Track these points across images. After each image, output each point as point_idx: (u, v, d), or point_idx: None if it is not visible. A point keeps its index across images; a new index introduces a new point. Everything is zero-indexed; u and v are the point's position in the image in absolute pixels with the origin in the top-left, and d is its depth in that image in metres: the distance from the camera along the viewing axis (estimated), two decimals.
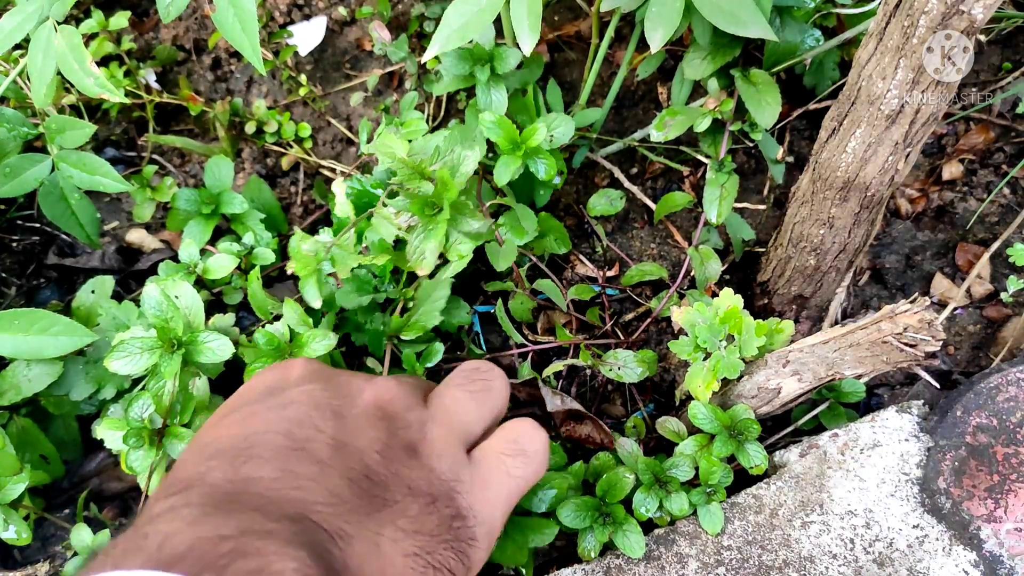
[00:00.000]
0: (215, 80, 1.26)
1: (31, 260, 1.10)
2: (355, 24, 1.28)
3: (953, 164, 1.08)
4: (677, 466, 0.77)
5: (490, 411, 0.61)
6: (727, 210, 0.89)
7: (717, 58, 0.88)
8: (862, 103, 0.71)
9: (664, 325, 0.99)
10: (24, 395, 0.82)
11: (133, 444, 0.73)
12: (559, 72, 1.18)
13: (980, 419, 0.82)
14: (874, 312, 0.82)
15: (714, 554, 0.76)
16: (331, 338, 0.78)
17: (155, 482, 0.74)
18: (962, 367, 0.97)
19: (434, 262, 0.71)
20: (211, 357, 0.74)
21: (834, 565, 0.75)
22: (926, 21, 0.61)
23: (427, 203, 0.69)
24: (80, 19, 1.18)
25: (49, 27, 0.78)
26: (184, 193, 1.02)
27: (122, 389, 0.87)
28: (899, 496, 0.78)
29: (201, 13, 1.29)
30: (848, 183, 0.78)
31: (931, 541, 0.75)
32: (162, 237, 1.14)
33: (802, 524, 0.77)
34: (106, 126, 1.22)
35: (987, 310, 1.00)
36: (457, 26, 0.74)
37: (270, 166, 1.20)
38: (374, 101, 1.22)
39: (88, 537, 0.79)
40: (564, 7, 1.21)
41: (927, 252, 1.04)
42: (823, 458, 0.81)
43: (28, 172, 0.90)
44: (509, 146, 0.81)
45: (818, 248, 0.88)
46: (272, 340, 0.77)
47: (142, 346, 0.73)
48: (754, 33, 0.76)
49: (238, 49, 0.70)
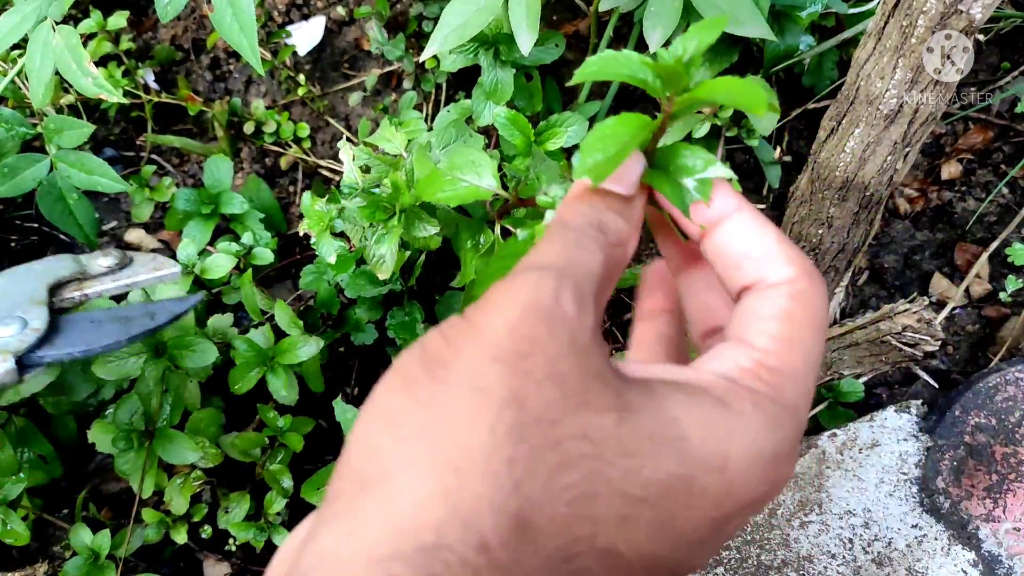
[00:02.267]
0: (213, 80, 1.26)
1: (29, 260, 1.10)
2: (354, 24, 1.28)
3: (952, 164, 1.08)
4: None
5: None
6: None
7: (715, 64, 0.88)
8: (861, 103, 0.71)
9: None
10: (23, 395, 0.82)
11: (123, 447, 0.73)
12: (557, 71, 1.18)
13: (979, 418, 0.82)
14: (873, 312, 0.82)
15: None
16: (314, 343, 0.78)
17: (147, 484, 0.74)
18: (961, 367, 0.97)
19: (392, 265, 0.70)
20: (196, 361, 0.74)
21: (833, 565, 0.75)
22: (925, 21, 0.61)
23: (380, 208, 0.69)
24: (78, 19, 1.18)
25: (47, 27, 0.78)
26: (183, 193, 1.02)
27: (121, 389, 0.87)
28: (898, 496, 0.78)
29: (199, 13, 1.29)
30: (847, 183, 0.78)
31: (930, 541, 0.76)
32: (161, 237, 1.14)
33: (801, 524, 0.77)
34: (104, 126, 1.22)
35: (986, 309, 1.00)
36: (455, 25, 0.74)
37: (269, 166, 1.20)
38: (373, 101, 1.22)
39: (87, 537, 0.79)
40: (562, 6, 1.21)
41: (926, 252, 1.04)
42: (822, 458, 0.81)
43: (26, 172, 0.90)
44: (525, 147, 0.78)
45: (817, 248, 0.88)
46: (252, 347, 0.77)
47: (128, 351, 0.73)
48: (753, 33, 0.76)
49: (236, 49, 0.70)
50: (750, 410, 0.29)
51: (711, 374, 0.30)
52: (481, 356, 0.25)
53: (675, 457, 0.26)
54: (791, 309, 0.31)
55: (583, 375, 0.26)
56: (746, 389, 0.29)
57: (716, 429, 0.28)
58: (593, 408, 0.26)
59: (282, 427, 0.84)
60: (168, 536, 0.84)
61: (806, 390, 0.31)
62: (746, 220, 0.33)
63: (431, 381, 0.25)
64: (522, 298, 0.27)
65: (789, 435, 0.30)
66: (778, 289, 0.31)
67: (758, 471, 0.28)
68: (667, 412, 0.27)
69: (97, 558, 0.79)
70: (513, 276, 0.28)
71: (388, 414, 0.25)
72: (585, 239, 0.30)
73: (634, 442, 0.26)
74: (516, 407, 0.24)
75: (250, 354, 0.77)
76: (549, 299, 0.27)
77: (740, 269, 0.33)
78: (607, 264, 0.30)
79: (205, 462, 0.80)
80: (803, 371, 0.31)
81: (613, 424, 0.26)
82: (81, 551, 0.79)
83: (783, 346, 0.31)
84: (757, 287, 0.32)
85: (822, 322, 0.32)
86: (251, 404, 0.90)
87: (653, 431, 0.27)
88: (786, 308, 0.31)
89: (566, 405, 0.25)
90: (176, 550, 0.89)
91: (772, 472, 0.29)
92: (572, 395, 0.25)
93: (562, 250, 0.30)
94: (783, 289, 0.31)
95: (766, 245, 0.32)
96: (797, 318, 0.31)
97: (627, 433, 0.26)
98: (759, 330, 0.31)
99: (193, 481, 0.82)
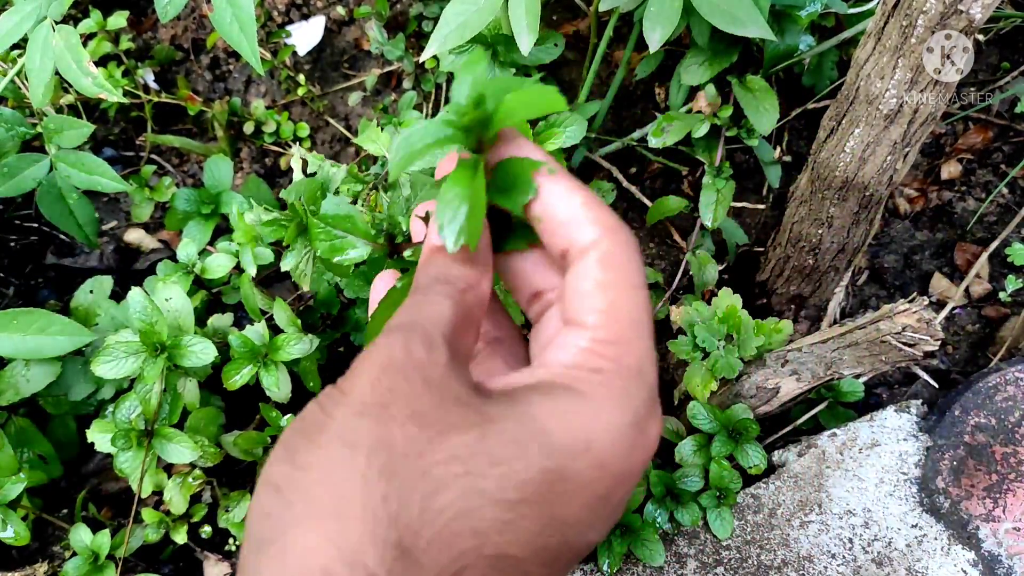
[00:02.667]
0: (213, 80, 1.26)
1: (29, 260, 1.10)
2: (354, 24, 1.28)
3: (952, 164, 1.08)
4: (688, 476, 0.77)
5: None
6: (723, 214, 0.89)
7: (715, 64, 0.88)
8: (860, 103, 0.71)
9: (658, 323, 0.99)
10: (22, 395, 0.82)
11: (122, 446, 0.73)
12: (557, 71, 1.18)
13: (979, 418, 0.82)
14: (873, 311, 0.82)
15: (712, 554, 0.76)
16: (307, 341, 0.78)
17: (147, 484, 0.74)
18: (960, 366, 0.97)
19: (310, 279, 0.71)
20: (195, 360, 0.74)
21: (833, 565, 0.75)
22: (925, 21, 0.61)
23: (279, 225, 0.70)
24: (78, 19, 1.18)
25: (47, 27, 0.78)
26: (183, 193, 1.02)
27: (121, 389, 0.87)
28: (898, 496, 0.78)
29: (199, 13, 1.29)
30: (847, 183, 0.78)
31: (930, 540, 0.76)
32: (160, 237, 1.14)
33: (801, 524, 0.77)
34: (104, 126, 1.22)
35: (985, 309, 1.00)
36: (455, 25, 0.74)
37: (269, 166, 1.20)
38: (373, 101, 1.22)
39: (87, 537, 0.79)
40: (562, 6, 1.21)
41: (926, 252, 1.04)
42: (822, 457, 0.81)
43: (26, 172, 0.90)
44: None
45: (817, 247, 0.88)
46: (246, 343, 0.77)
47: (127, 350, 0.73)
48: (752, 33, 0.76)
49: (236, 49, 0.70)
50: (599, 390, 0.31)
51: (560, 366, 0.33)
52: (349, 415, 0.28)
53: (542, 453, 0.29)
54: (604, 278, 0.33)
55: (441, 405, 0.29)
56: (590, 370, 0.32)
57: (573, 417, 0.30)
58: (456, 431, 0.28)
59: (284, 426, 0.84)
60: (168, 536, 0.84)
61: (643, 350, 0.33)
62: (555, 187, 0.35)
63: (309, 446, 0.28)
64: (379, 359, 0.30)
65: (643, 398, 0.32)
66: (588, 256, 0.34)
67: (624, 442, 0.31)
68: (527, 414, 0.30)
69: (97, 558, 0.79)
70: (372, 343, 0.32)
71: (275, 483, 0.27)
72: (431, 294, 0.34)
73: (501, 450, 0.28)
74: (384, 450, 0.27)
75: (244, 350, 0.77)
76: (401, 353, 0.30)
77: (555, 235, 0.35)
78: (458, 308, 0.33)
79: (204, 461, 0.80)
80: (633, 334, 0.33)
81: (477, 440, 0.28)
82: (81, 551, 0.79)
83: (609, 318, 0.33)
84: (570, 254, 0.34)
85: (636, 278, 0.34)
86: (251, 403, 0.90)
87: (517, 435, 0.29)
88: (600, 278, 0.33)
89: (429, 435, 0.28)
90: (176, 550, 0.89)
91: (639, 438, 0.32)
92: (433, 425, 0.28)
93: (411, 310, 0.33)
94: (592, 255, 0.34)
95: (572, 209, 0.34)
96: (612, 284, 0.33)
97: (493, 444, 0.28)
98: (586, 308, 0.33)
99: (193, 480, 0.82)
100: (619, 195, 1.07)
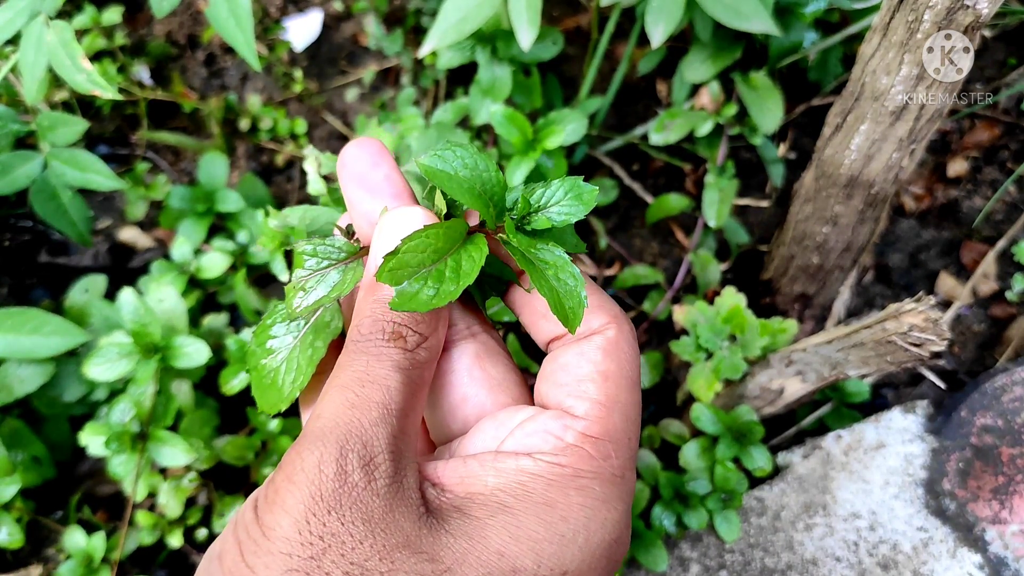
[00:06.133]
0: (209, 76, 1.25)
1: (23, 259, 1.09)
2: (351, 19, 1.26)
3: (958, 161, 1.07)
4: (695, 479, 0.76)
5: None
6: (726, 214, 0.88)
7: (718, 60, 0.87)
8: (866, 99, 0.70)
9: (659, 325, 0.98)
10: (16, 396, 0.81)
11: (115, 449, 0.71)
12: (558, 67, 1.17)
13: (986, 420, 0.80)
14: (879, 311, 0.80)
15: (716, 557, 0.75)
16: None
17: (141, 487, 0.73)
18: (967, 367, 0.96)
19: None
20: (188, 362, 0.73)
21: (838, 568, 0.74)
22: (931, 16, 0.60)
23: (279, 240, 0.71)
24: (72, 14, 1.17)
25: (41, 22, 0.77)
26: (178, 191, 1.00)
27: (115, 390, 0.86)
28: (904, 498, 0.77)
29: (195, 8, 1.28)
30: (852, 180, 0.77)
31: (936, 543, 0.74)
32: (155, 235, 1.12)
33: (805, 527, 0.76)
34: (98, 123, 1.20)
35: (993, 309, 0.98)
36: (455, 20, 0.73)
37: (265, 163, 1.18)
38: (370, 97, 1.20)
39: (82, 540, 0.78)
40: (563, 1, 1.20)
41: (932, 250, 1.03)
42: (827, 459, 0.80)
43: (19, 170, 0.88)
44: (523, 145, 0.76)
45: (822, 246, 0.87)
46: (243, 346, 0.76)
47: (120, 351, 0.72)
48: (756, 28, 0.75)
49: (232, 45, 0.69)
50: (577, 505, 0.29)
51: (532, 463, 0.29)
52: (275, 573, 0.24)
53: None
54: (606, 368, 0.31)
55: (387, 553, 0.25)
56: (571, 474, 0.29)
57: (546, 546, 0.27)
58: None
59: (274, 431, 0.83)
60: (163, 539, 0.82)
61: (629, 455, 0.31)
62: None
63: None
64: (307, 487, 0.26)
65: (621, 510, 0.30)
66: (591, 341, 0.31)
67: (600, 562, 0.29)
68: (491, 547, 0.27)
69: (91, 561, 0.77)
70: (297, 452, 0.27)
71: None
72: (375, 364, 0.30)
73: None
74: None
75: (240, 354, 0.76)
76: (333, 481, 0.26)
77: (548, 319, 0.33)
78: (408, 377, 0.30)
79: (199, 464, 0.79)
80: (625, 432, 0.31)
81: None
82: (76, 554, 0.78)
83: (603, 410, 0.30)
84: (567, 339, 0.32)
85: (635, 374, 0.32)
86: (245, 404, 0.89)
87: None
88: (601, 367, 0.31)
89: None
90: (171, 553, 0.88)
91: (615, 551, 0.30)
92: None
93: (348, 397, 0.29)
94: (595, 341, 0.31)
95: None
96: (612, 376, 0.31)
97: None
98: (578, 394, 0.31)
99: (187, 483, 0.81)
100: (621, 193, 1.06)
